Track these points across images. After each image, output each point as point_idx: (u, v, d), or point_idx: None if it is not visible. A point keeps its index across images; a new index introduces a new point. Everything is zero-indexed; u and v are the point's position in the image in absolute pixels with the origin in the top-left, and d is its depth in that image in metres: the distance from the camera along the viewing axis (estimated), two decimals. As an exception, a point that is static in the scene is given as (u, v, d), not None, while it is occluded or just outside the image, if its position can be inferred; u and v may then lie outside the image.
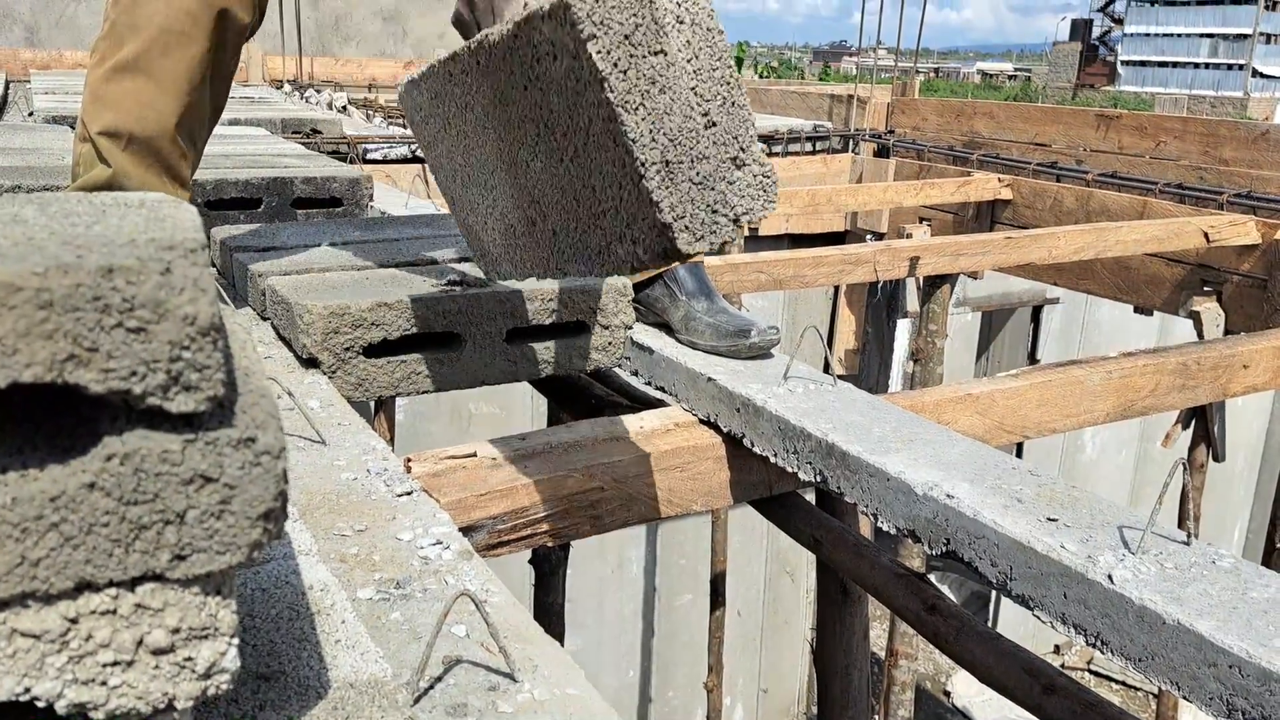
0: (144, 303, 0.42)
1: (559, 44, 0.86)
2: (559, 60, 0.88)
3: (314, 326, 1.29)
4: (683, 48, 0.86)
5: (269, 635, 0.66)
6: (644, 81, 0.85)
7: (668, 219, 0.86)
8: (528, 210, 1.07)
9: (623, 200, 0.89)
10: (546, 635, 0.81)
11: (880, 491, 1.14)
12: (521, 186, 1.05)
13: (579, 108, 0.89)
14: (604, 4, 0.82)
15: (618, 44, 0.83)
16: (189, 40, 1.27)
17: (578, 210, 0.97)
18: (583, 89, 0.86)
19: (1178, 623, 0.85)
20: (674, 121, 0.87)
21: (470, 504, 1.21)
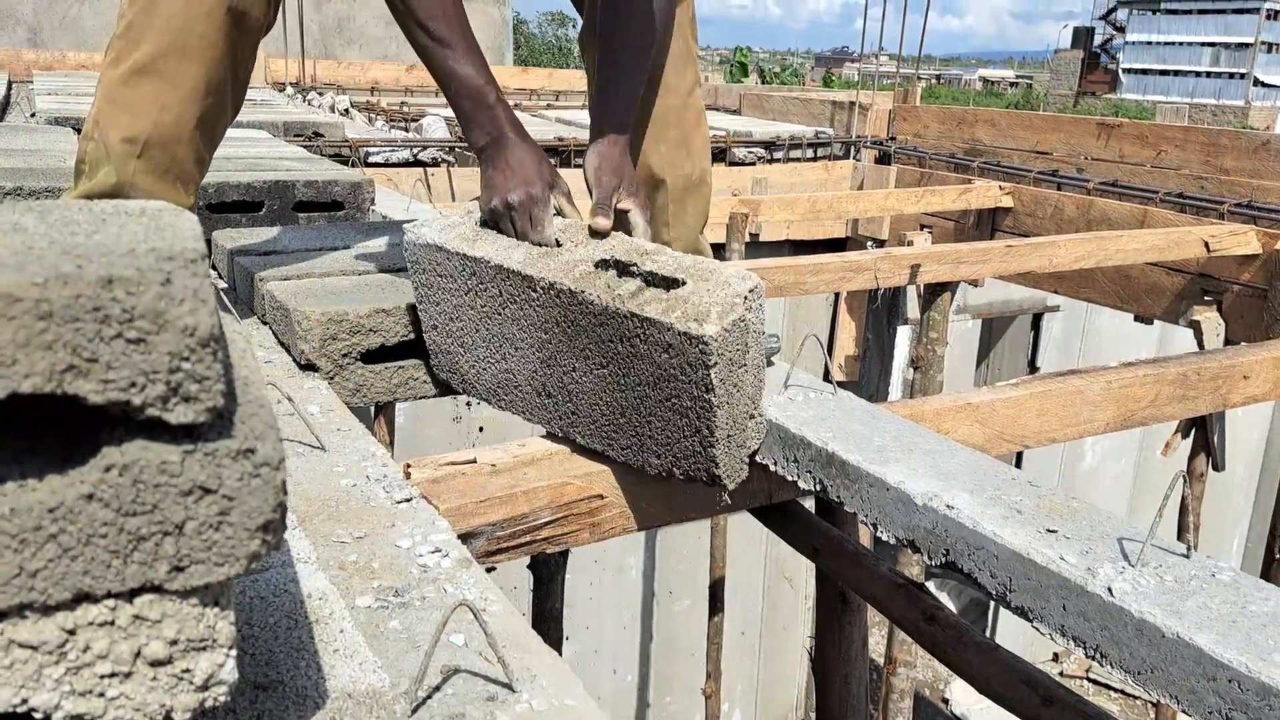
0: (144, 313, 0.42)
1: (679, 350, 1.09)
2: (670, 356, 1.10)
3: (312, 333, 1.29)
4: (753, 358, 1.13)
5: (267, 644, 0.66)
6: (731, 385, 1.11)
7: (720, 472, 1.15)
8: (548, 387, 1.27)
9: (679, 443, 1.15)
10: (545, 645, 0.81)
11: (880, 501, 1.14)
12: (552, 374, 1.25)
13: (668, 382, 1.12)
14: (727, 341, 1.07)
15: (726, 365, 1.09)
16: (206, 43, 1.27)
17: (617, 420, 1.21)
18: (683, 379, 1.10)
19: (1177, 636, 0.85)
20: (739, 408, 1.13)
21: (470, 510, 1.21)
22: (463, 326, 1.32)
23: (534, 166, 1.31)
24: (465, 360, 1.35)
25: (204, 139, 1.33)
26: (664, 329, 1.09)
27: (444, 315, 1.34)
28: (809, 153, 5.12)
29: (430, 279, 1.33)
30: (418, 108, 5.98)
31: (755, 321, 1.12)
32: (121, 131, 1.27)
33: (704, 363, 1.07)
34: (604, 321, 1.15)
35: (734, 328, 1.08)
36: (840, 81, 35.45)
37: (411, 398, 1.40)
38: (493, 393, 1.36)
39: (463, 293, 1.30)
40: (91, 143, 1.31)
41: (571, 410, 1.26)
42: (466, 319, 1.31)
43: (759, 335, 1.13)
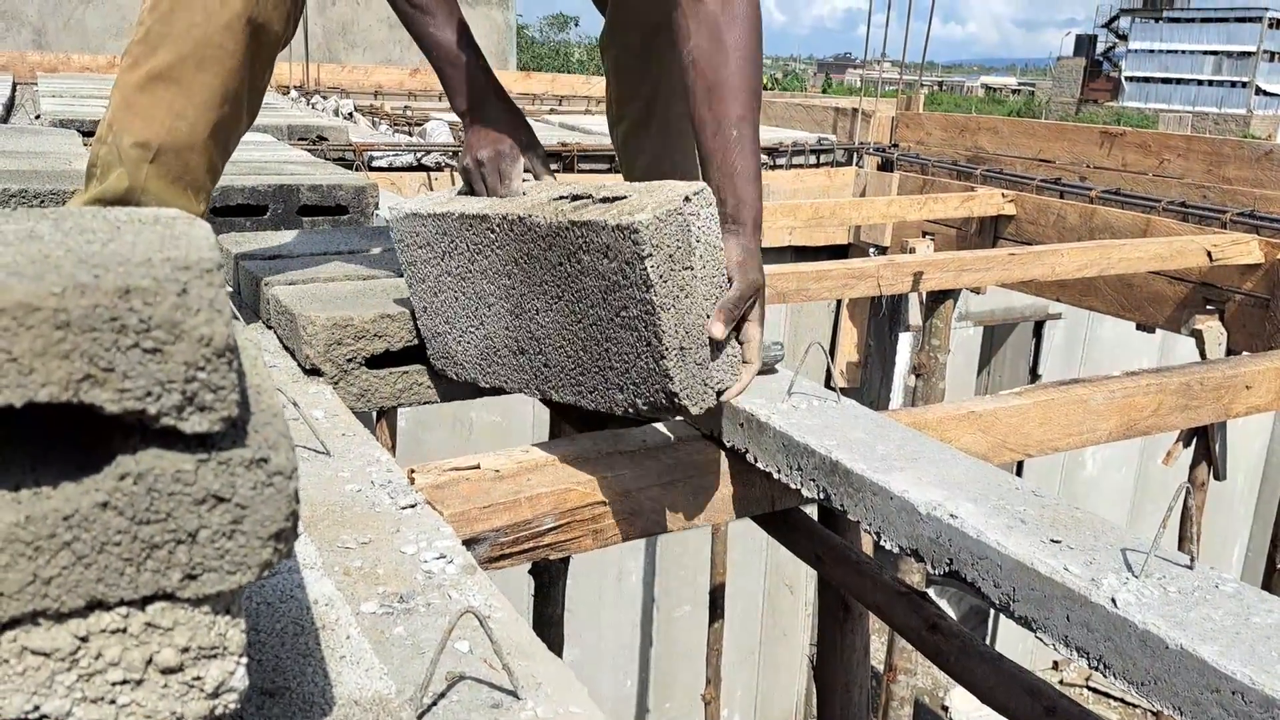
0: (160, 323, 0.42)
1: (615, 250, 1.06)
2: (610, 260, 1.08)
3: (317, 338, 1.30)
4: (702, 265, 1.09)
5: (274, 650, 0.66)
6: (676, 288, 1.07)
7: (677, 389, 1.10)
8: (521, 342, 1.25)
9: (635, 367, 1.12)
10: (549, 652, 0.81)
11: (883, 510, 1.14)
12: (521, 325, 1.24)
13: (614, 295, 1.09)
14: (660, 231, 1.04)
15: (664, 260, 1.05)
16: (225, 54, 1.27)
17: (581, 357, 1.18)
18: (626, 285, 1.07)
19: (1181, 647, 0.85)
20: (691, 319, 1.09)
21: (473, 516, 1.21)
22: (444, 299, 1.32)
23: (508, 127, 1.32)
24: (452, 338, 1.35)
25: (218, 148, 1.33)
26: (599, 229, 1.07)
27: (428, 290, 1.34)
28: (811, 159, 5.12)
29: (413, 254, 1.34)
30: (421, 112, 5.99)
31: (701, 228, 1.08)
32: (135, 137, 1.28)
33: (638, 254, 1.03)
34: (552, 243, 1.13)
35: (669, 219, 1.04)
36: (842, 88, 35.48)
37: (416, 403, 1.41)
38: (479, 368, 1.34)
39: (439, 258, 1.30)
40: (105, 146, 1.31)
41: (544, 363, 1.23)
42: (446, 288, 1.31)
43: (713, 249, 1.09)
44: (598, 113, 7.04)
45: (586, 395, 1.21)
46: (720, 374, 1.14)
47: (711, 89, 1.18)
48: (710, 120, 1.18)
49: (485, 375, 1.34)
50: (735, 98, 1.18)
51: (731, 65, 1.17)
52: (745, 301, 1.13)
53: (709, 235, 1.09)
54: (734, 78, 1.17)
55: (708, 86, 1.18)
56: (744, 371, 1.17)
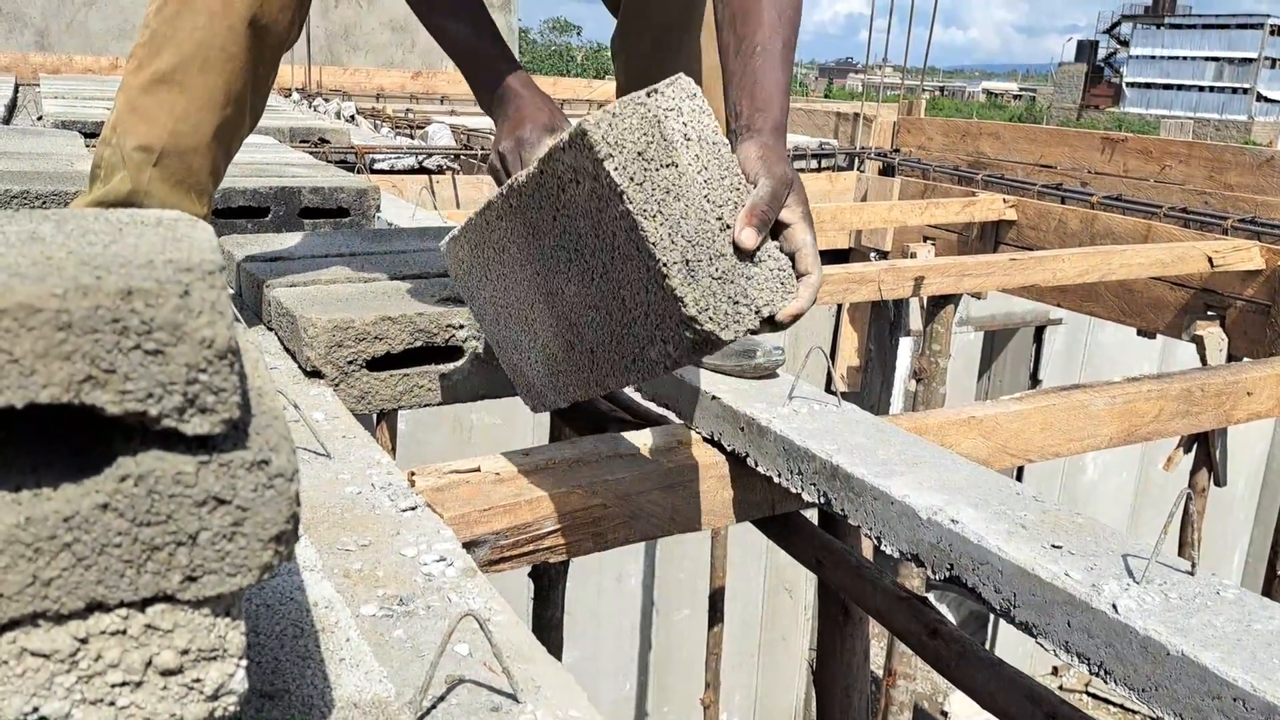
0: (162, 325, 0.42)
1: (580, 169, 0.94)
2: (581, 184, 0.95)
3: (318, 340, 1.29)
4: (692, 160, 0.93)
5: (273, 653, 0.66)
6: (659, 191, 0.92)
7: (692, 311, 0.92)
8: (566, 335, 1.12)
9: (650, 304, 0.96)
10: (549, 655, 0.81)
11: (884, 515, 1.14)
12: (559, 314, 1.11)
13: (602, 225, 0.96)
14: (616, 127, 0.90)
15: (631, 160, 0.90)
16: (229, 57, 1.27)
17: (610, 323, 1.03)
18: (604, 206, 0.94)
19: (1182, 654, 0.85)
20: (690, 225, 0.93)
21: (473, 519, 1.21)
22: (504, 324, 1.24)
23: (529, 110, 1.23)
24: (526, 366, 1.24)
25: (221, 150, 1.33)
26: (560, 153, 0.94)
27: (489, 318, 1.26)
28: (813, 164, 5.13)
29: (468, 284, 1.26)
30: (423, 114, 6.00)
31: (687, 123, 0.93)
32: (139, 139, 1.28)
33: (595, 159, 0.90)
34: (539, 200, 1.02)
35: (625, 113, 0.90)
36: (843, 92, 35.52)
37: (417, 405, 1.41)
38: (552, 387, 1.21)
39: (484, 275, 1.21)
40: (109, 148, 1.31)
41: (590, 350, 1.10)
42: (500, 309, 1.22)
43: (711, 145, 0.94)
44: (599, 116, 7.03)
45: (631, 370, 1.05)
46: (764, 292, 0.95)
47: (738, 14, 1.10)
48: (734, 40, 1.10)
49: (557, 390, 1.21)
50: (762, 20, 1.09)
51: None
52: (778, 200, 0.96)
53: (701, 130, 0.94)
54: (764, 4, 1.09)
55: (733, 13, 1.10)
56: (803, 287, 0.97)
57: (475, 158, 4.27)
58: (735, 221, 0.94)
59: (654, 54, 1.63)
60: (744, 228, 0.94)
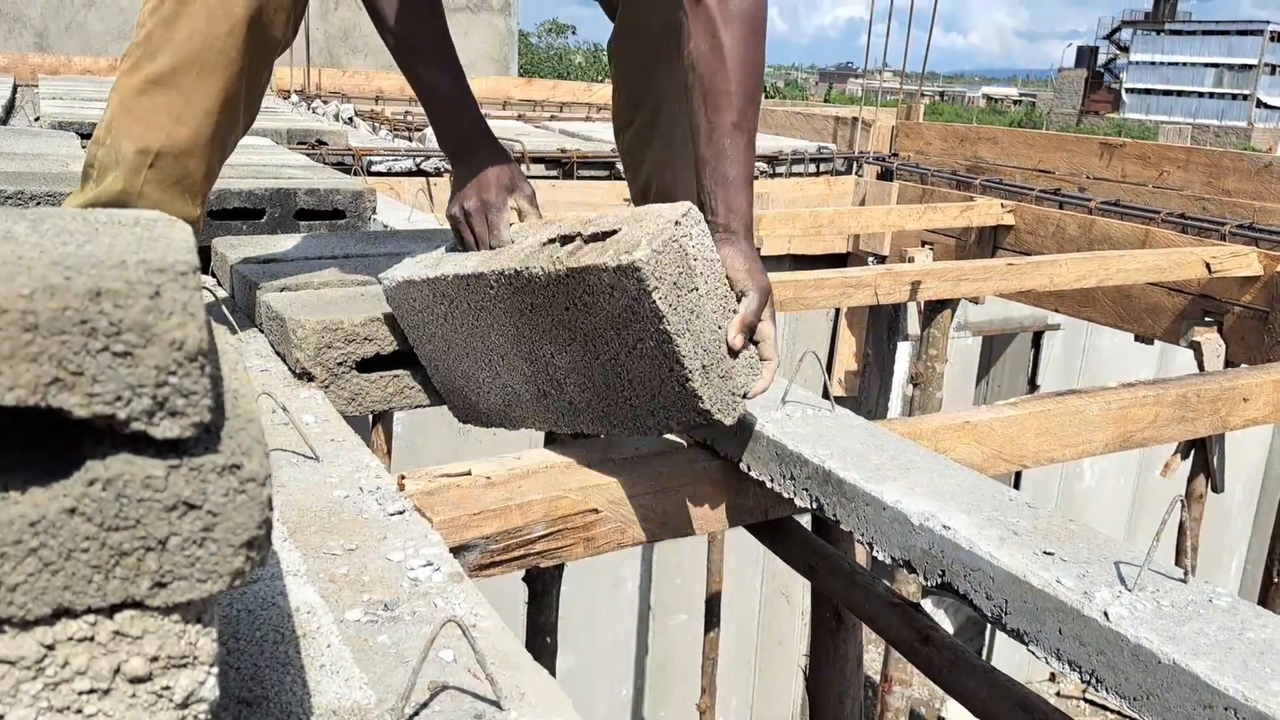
0: (131, 326, 0.41)
1: (619, 288, 1.08)
2: (616, 299, 1.09)
3: (307, 341, 1.29)
4: (703, 281, 1.10)
5: (253, 659, 0.66)
6: (686, 312, 1.09)
7: (707, 406, 1.13)
8: (541, 386, 1.27)
9: (662, 394, 1.14)
10: (535, 663, 0.80)
11: (876, 520, 1.13)
12: (538, 370, 1.25)
13: (627, 330, 1.11)
14: (661, 263, 1.06)
15: (670, 289, 1.07)
16: (227, 60, 1.26)
17: (606, 393, 1.20)
18: (637, 321, 1.09)
19: (1173, 662, 0.84)
20: (706, 336, 1.11)
21: (463, 523, 1.21)
22: (455, 357, 1.33)
23: (493, 171, 1.31)
24: (472, 393, 1.36)
25: (216, 152, 1.33)
26: (600, 272, 1.08)
27: (436, 351, 1.35)
28: (811, 168, 5.12)
29: (415, 319, 1.35)
30: (421, 117, 6.00)
31: (696, 247, 1.09)
32: (134, 142, 1.27)
33: (643, 289, 1.05)
34: (553, 291, 1.14)
35: (666, 249, 1.05)
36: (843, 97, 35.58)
37: (407, 406, 1.40)
38: (503, 414, 1.36)
39: (441, 320, 1.31)
40: (102, 148, 1.30)
41: (568, 402, 1.25)
42: (455, 346, 1.32)
43: (712, 263, 1.11)
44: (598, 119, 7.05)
45: (617, 425, 1.23)
46: (742, 379, 1.16)
47: (708, 93, 1.17)
48: (704, 125, 1.18)
49: (510, 420, 1.35)
50: (730, 103, 1.17)
51: (728, 68, 1.16)
52: (762, 309, 1.14)
53: (704, 250, 1.10)
54: (730, 82, 1.16)
55: (704, 91, 1.18)
56: (764, 369, 1.17)
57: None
58: (726, 324, 1.12)
59: (651, 58, 1.63)
60: (736, 334, 1.12)
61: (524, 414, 1.32)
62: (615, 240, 1.09)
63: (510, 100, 7.92)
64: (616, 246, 1.08)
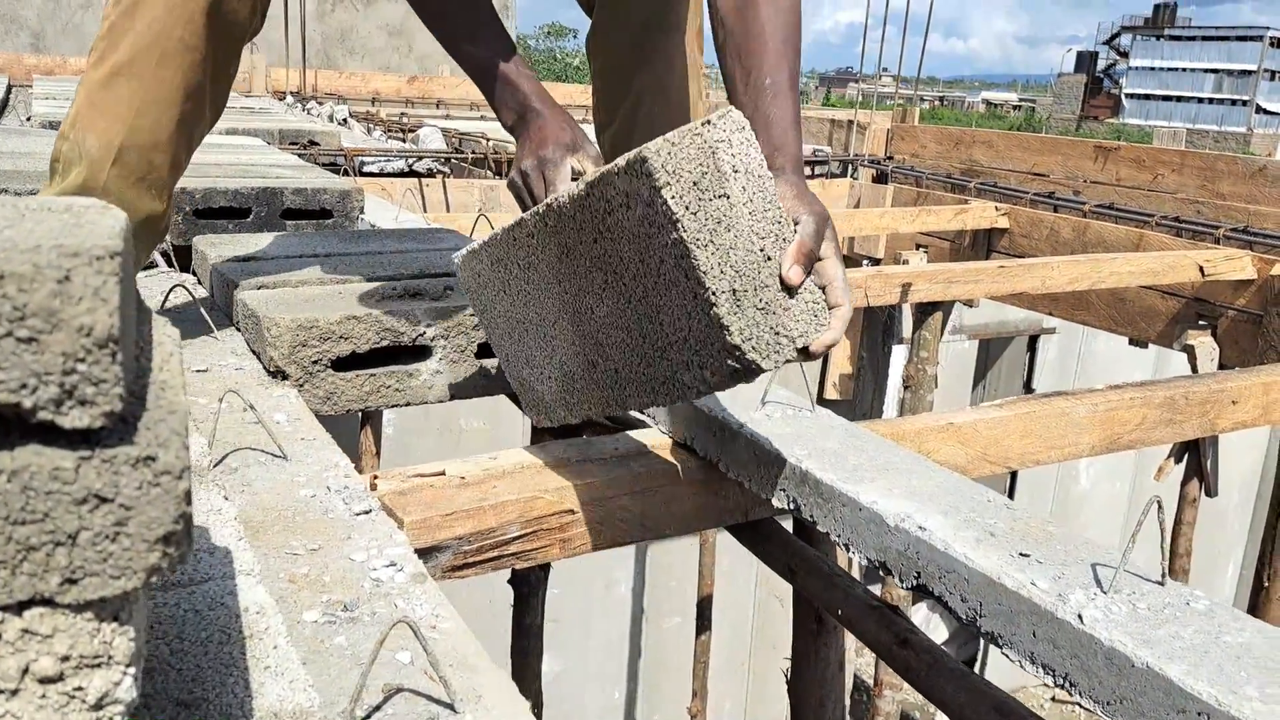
0: (36, 311, 0.40)
1: (633, 194, 0.95)
2: (632, 209, 0.96)
3: (281, 339, 1.27)
4: (740, 192, 0.95)
5: (195, 660, 0.64)
6: (711, 221, 0.93)
7: (737, 341, 0.94)
8: (589, 354, 1.14)
9: (691, 330, 0.98)
10: (494, 665, 0.79)
11: (852, 521, 1.12)
12: (584, 333, 1.13)
13: (650, 250, 0.97)
14: (675, 156, 0.91)
15: (688, 190, 0.92)
16: (187, 48, 1.25)
17: (643, 346, 1.05)
18: (655, 232, 0.95)
19: (1147, 666, 0.82)
20: (738, 255, 0.95)
21: (435, 524, 1.19)
22: (518, 338, 1.25)
23: (552, 129, 1.23)
24: (536, 381, 1.27)
25: (182, 144, 1.31)
26: (614, 178, 0.96)
27: (505, 335, 1.27)
28: (806, 171, 5.11)
29: (481, 298, 1.27)
30: (416, 118, 5.99)
31: (737, 156, 0.94)
32: (98, 136, 1.26)
33: (654, 186, 0.91)
34: (581, 221, 1.03)
35: (684, 141, 0.91)
36: (843, 101, 35.61)
37: (384, 405, 1.38)
38: (564, 403, 1.24)
39: (502, 291, 1.21)
40: (67, 142, 1.29)
41: (614, 370, 1.11)
42: (516, 324, 1.23)
43: (758, 178, 0.96)
44: (594, 122, 7.03)
45: (660, 391, 1.07)
46: (799, 324, 0.99)
47: (741, 44, 1.11)
48: (740, 73, 1.11)
49: (568, 407, 1.24)
50: (766, 48, 1.10)
51: (762, 16, 1.10)
52: (820, 237, 1.00)
53: (749, 163, 0.96)
54: (765, 28, 1.10)
55: (737, 42, 1.11)
56: (834, 318, 1.01)
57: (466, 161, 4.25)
58: (776, 254, 0.97)
59: (632, 54, 1.62)
60: (792, 265, 0.96)
61: (581, 398, 1.20)
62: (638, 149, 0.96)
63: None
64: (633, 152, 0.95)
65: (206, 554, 0.77)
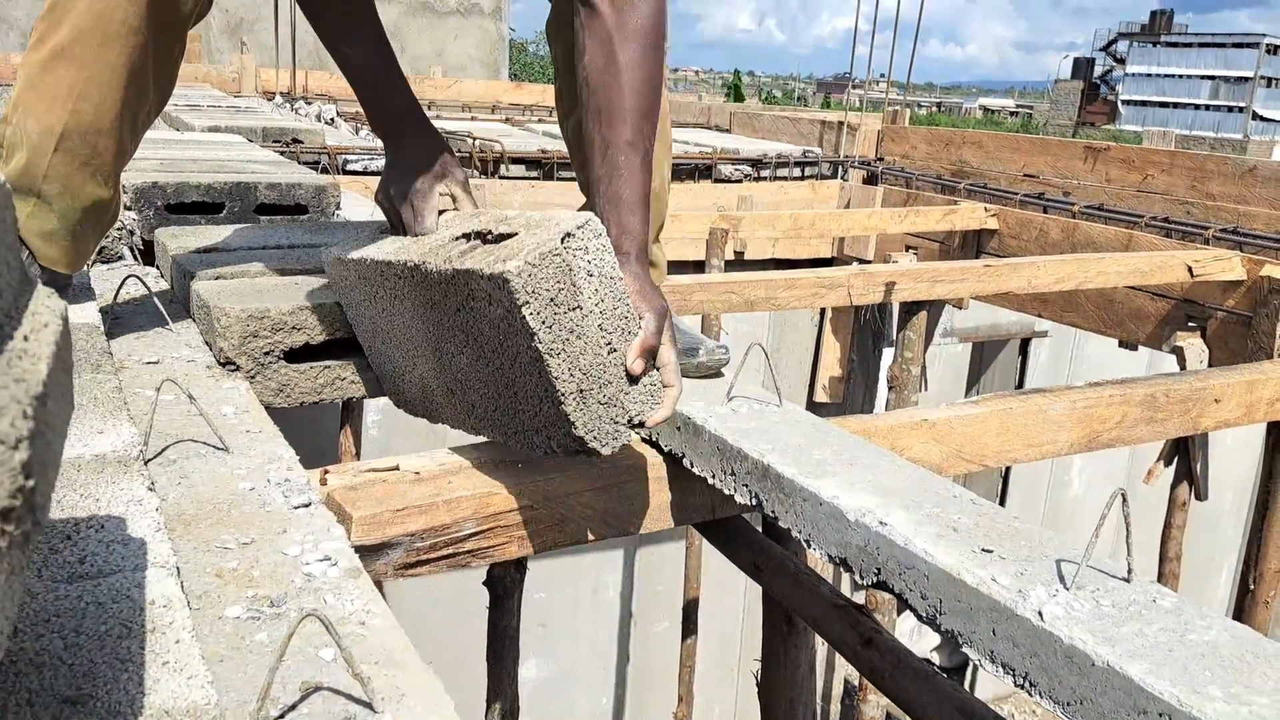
0: None
1: (495, 299, 1.02)
2: (494, 307, 1.03)
3: (231, 330, 1.24)
4: (592, 296, 1.03)
5: (90, 654, 0.60)
6: (564, 332, 1.02)
7: (581, 433, 1.05)
8: (449, 384, 1.22)
9: (542, 411, 1.08)
10: (422, 663, 0.75)
11: (813, 516, 1.08)
12: (444, 368, 1.20)
13: (507, 341, 1.05)
14: (535, 277, 0.98)
15: (544, 305, 1.00)
16: (130, 30, 1.22)
17: (499, 401, 1.15)
18: (513, 333, 1.03)
19: (1107, 665, 0.79)
20: (586, 359, 1.04)
21: (386, 520, 1.15)
22: (382, 341, 1.29)
23: (423, 156, 1.27)
24: (399, 378, 1.32)
25: (127, 129, 1.28)
26: (479, 278, 1.02)
27: (368, 332, 1.31)
28: (796, 171, 5.09)
29: (348, 297, 1.31)
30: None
31: (592, 262, 1.02)
32: (39, 120, 1.22)
33: (513, 302, 0.98)
34: (446, 290, 1.10)
35: (543, 263, 0.98)
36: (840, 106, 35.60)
37: (339, 398, 1.35)
38: (424, 405, 1.32)
39: (370, 301, 1.26)
40: (10, 127, 1.26)
41: (471, 403, 1.20)
42: (381, 330, 1.28)
43: (611, 281, 1.04)
44: (586, 124, 6.99)
45: (512, 436, 1.17)
46: (637, 405, 1.09)
47: (602, 110, 1.14)
48: (599, 142, 1.14)
49: (431, 413, 1.31)
50: (625, 120, 1.13)
51: (623, 86, 1.13)
52: (660, 332, 1.09)
53: (602, 267, 1.03)
54: (625, 100, 1.13)
55: (598, 107, 1.14)
56: (665, 397, 1.11)
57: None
58: (623, 346, 1.06)
59: None
60: (635, 359, 1.06)
61: (439, 409, 1.28)
62: (506, 245, 1.04)
63: (500, 104, 7.88)
64: (500, 253, 1.02)
65: (120, 545, 0.73)
